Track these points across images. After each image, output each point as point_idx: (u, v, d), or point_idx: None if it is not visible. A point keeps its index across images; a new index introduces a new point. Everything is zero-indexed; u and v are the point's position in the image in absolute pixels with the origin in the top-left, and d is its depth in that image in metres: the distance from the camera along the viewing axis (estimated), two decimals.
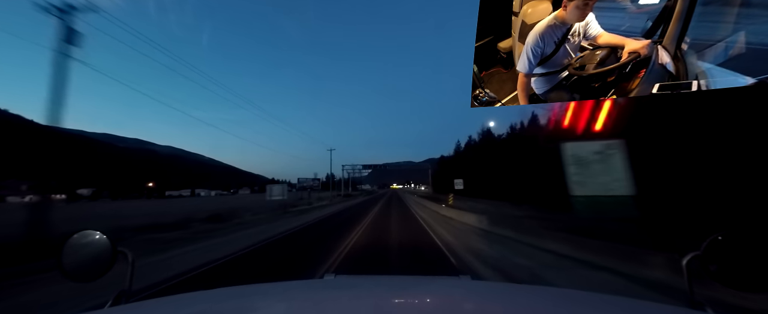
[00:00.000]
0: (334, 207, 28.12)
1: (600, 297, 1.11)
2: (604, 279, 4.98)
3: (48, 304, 4.33)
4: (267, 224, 14.02)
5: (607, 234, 7.08)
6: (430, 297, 1.13)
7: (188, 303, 1.02)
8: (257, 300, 1.08)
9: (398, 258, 7.01)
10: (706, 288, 1.17)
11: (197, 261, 6.78)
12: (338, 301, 1.04)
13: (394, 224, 13.90)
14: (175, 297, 1.07)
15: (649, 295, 4.01)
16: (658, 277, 4.43)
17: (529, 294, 1.17)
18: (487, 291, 1.27)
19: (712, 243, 0.86)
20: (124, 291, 1.01)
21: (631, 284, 4.62)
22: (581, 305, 0.98)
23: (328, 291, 1.20)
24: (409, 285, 1.37)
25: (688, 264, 0.90)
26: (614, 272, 5.03)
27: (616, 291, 4.11)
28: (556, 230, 8.67)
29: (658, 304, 0.91)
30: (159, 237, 9.93)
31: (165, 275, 5.65)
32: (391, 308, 0.98)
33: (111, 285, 1.02)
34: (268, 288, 1.25)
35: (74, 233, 1.04)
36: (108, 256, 1.03)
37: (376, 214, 19.76)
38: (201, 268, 6.29)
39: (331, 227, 13.46)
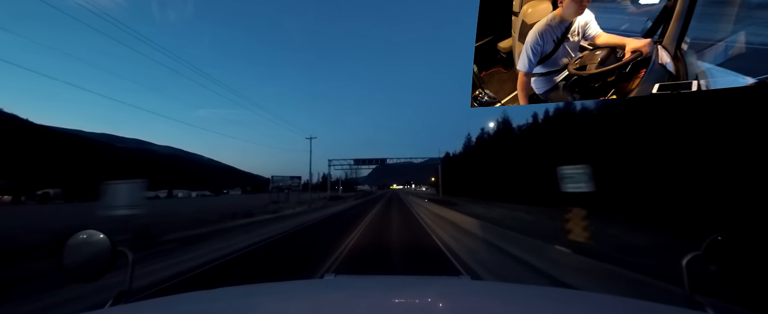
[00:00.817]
0: (301, 218, 17.53)
1: (600, 297, 1.11)
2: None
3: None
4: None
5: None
6: (430, 297, 1.13)
7: (188, 303, 1.02)
8: (257, 300, 1.08)
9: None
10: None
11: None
12: (338, 301, 1.04)
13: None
14: (174, 297, 1.07)
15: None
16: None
17: (529, 294, 1.17)
18: (486, 291, 1.27)
19: (712, 243, 0.86)
20: (124, 291, 1.01)
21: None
22: (581, 305, 0.98)
23: (328, 291, 1.20)
24: (409, 285, 1.37)
25: (688, 264, 0.90)
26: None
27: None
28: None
29: (658, 304, 0.91)
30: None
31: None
32: (391, 308, 0.98)
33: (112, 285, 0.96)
34: (269, 288, 1.25)
35: (74, 234, 1.04)
36: (108, 256, 1.03)
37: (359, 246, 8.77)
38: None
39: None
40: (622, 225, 11.46)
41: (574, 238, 6.22)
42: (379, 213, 19.93)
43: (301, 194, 37.78)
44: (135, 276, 1.06)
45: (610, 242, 8.24)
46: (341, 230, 12.11)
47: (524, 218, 14.00)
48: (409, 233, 11.10)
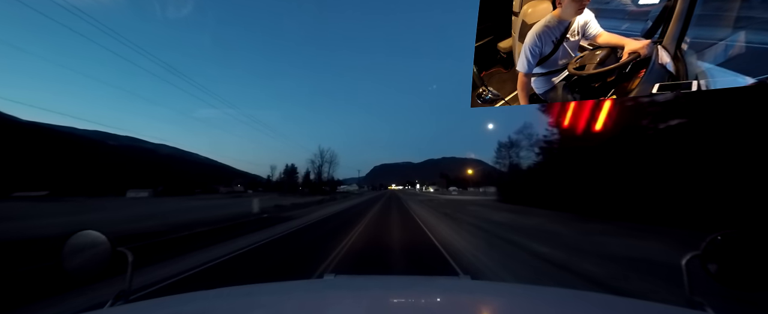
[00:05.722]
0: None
1: (600, 297, 1.11)
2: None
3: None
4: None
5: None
6: (430, 297, 1.13)
7: (187, 303, 1.02)
8: (257, 300, 1.08)
9: None
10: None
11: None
12: (338, 301, 1.04)
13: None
14: (174, 297, 1.07)
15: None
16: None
17: (529, 294, 1.17)
18: (487, 291, 1.27)
19: (712, 243, 0.87)
20: (123, 290, 1.01)
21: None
22: (581, 305, 0.98)
23: (328, 291, 1.20)
24: (409, 285, 1.37)
25: (687, 263, 0.90)
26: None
27: None
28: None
29: (658, 304, 0.91)
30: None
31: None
32: (391, 308, 0.98)
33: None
34: (268, 287, 1.25)
35: (74, 234, 1.04)
36: (107, 256, 1.03)
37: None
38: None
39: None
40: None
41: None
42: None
43: (263, 195, 33.75)
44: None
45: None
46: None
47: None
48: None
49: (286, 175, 49.67)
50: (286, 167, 48.11)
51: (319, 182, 60.42)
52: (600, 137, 14.76)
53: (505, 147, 38.40)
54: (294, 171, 35.58)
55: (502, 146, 38.47)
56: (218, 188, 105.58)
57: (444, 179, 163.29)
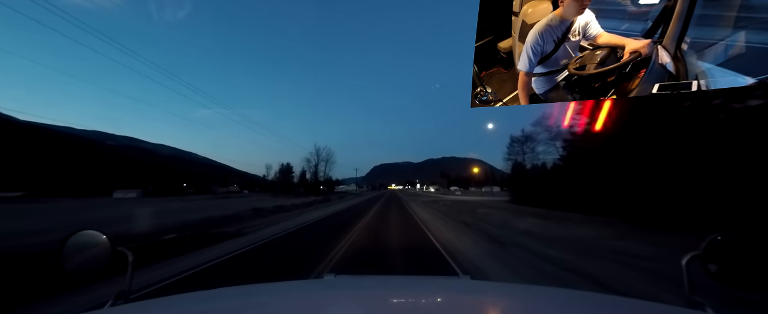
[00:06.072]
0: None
1: (600, 296, 1.11)
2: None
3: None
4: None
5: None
6: (430, 297, 1.13)
7: (187, 303, 1.02)
8: (257, 300, 1.08)
9: None
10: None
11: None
12: (338, 301, 1.04)
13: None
14: (174, 297, 1.07)
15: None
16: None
17: (529, 294, 1.17)
18: (487, 291, 1.27)
19: (712, 243, 0.87)
20: (123, 290, 1.01)
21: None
22: (581, 305, 0.98)
23: (328, 291, 1.20)
24: (409, 285, 1.37)
25: (687, 263, 0.90)
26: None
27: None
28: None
29: (658, 304, 0.91)
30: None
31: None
32: (391, 308, 0.98)
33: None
34: (268, 287, 1.25)
35: (74, 234, 1.04)
36: (107, 256, 1.03)
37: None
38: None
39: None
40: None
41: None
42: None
43: (258, 195, 29.91)
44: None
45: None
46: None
47: None
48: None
49: (281, 174, 46.33)
50: (281, 166, 43.98)
51: (316, 182, 56.91)
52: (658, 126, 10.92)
53: (518, 142, 33.59)
54: (289, 171, 33.14)
55: (514, 140, 33.88)
56: (213, 189, 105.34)
57: (445, 179, 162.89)
